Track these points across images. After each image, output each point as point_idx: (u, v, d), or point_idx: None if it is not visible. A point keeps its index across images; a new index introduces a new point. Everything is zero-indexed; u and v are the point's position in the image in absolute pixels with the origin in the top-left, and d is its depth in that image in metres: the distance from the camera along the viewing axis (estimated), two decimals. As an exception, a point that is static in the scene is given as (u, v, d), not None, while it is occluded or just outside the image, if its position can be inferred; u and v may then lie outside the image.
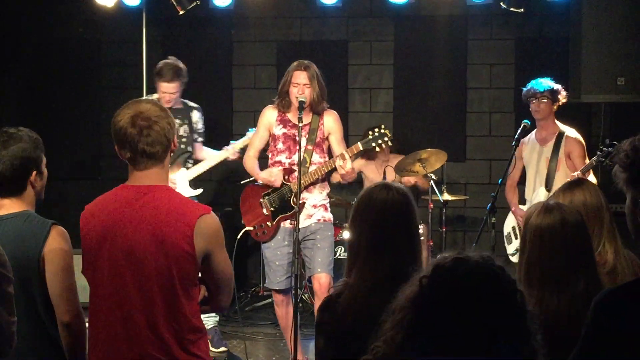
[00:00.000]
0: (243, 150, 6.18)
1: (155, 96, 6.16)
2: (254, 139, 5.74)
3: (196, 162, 6.33)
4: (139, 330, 2.86)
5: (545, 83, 6.08)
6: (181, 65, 6.12)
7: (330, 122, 5.58)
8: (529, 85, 6.15)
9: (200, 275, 2.96)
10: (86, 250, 2.95)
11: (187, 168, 6.25)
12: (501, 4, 7.12)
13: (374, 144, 5.52)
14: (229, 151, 6.22)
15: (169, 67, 6.05)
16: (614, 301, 2.10)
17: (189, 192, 6.08)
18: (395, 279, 2.65)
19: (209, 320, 6.14)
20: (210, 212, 2.94)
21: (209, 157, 6.32)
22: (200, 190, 6.23)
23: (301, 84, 5.41)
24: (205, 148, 6.39)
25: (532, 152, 6.25)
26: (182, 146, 6.21)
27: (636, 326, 2.03)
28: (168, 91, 6.06)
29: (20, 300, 2.96)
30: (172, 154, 2.99)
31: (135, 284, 2.86)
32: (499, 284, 1.63)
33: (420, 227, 3.07)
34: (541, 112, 6.08)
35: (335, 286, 2.89)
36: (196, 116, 6.29)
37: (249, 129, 6.17)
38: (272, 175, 5.53)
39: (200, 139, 6.34)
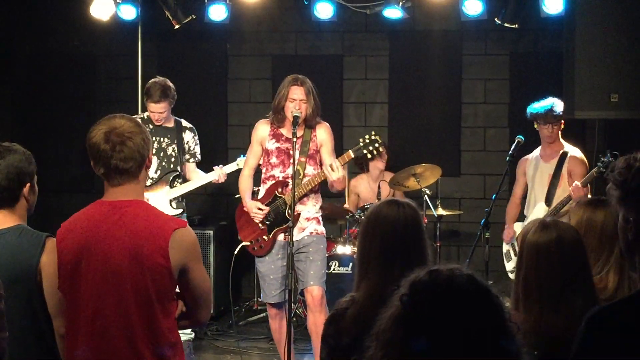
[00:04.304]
0: (230, 174, 6.18)
1: (146, 114, 6.17)
2: (248, 156, 5.71)
3: (185, 182, 6.30)
4: (117, 346, 2.85)
5: (558, 107, 6.00)
6: (169, 84, 6.10)
7: (323, 133, 5.58)
8: (543, 109, 6.01)
9: (177, 290, 2.96)
10: (62, 266, 2.92)
11: (173, 187, 6.22)
12: (496, 19, 7.16)
13: (365, 151, 5.51)
14: (217, 173, 6.21)
15: (157, 87, 6.02)
16: (605, 318, 2.10)
17: (169, 211, 6.03)
18: None
19: (183, 335, 6.11)
20: (186, 225, 2.94)
21: (196, 178, 6.30)
22: (180, 210, 6.19)
23: (298, 99, 5.40)
24: (196, 169, 6.36)
25: (535, 169, 6.24)
26: (170, 165, 6.20)
27: (627, 344, 2.02)
28: (156, 111, 6.07)
29: (25, 314, 2.99)
30: (147, 170, 2.99)
31: (113, 300, 2.85)
32: (475, 284, 1.72)
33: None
34: (554, 136, 6.08)
35: (341, 300, 2.90)
36: (188, 137, 6.27)
37: (241, 155, 6.14)
38: (255, 211, 5.53)
39: (192, 160, 6.31)
